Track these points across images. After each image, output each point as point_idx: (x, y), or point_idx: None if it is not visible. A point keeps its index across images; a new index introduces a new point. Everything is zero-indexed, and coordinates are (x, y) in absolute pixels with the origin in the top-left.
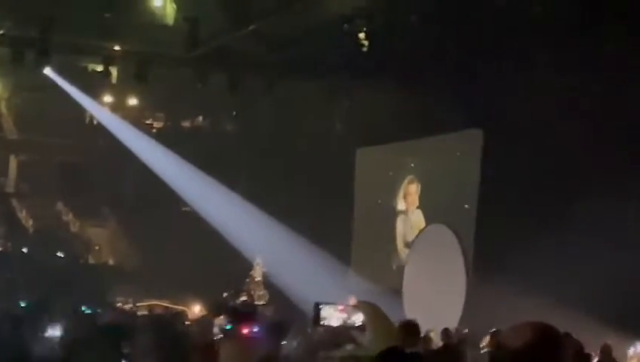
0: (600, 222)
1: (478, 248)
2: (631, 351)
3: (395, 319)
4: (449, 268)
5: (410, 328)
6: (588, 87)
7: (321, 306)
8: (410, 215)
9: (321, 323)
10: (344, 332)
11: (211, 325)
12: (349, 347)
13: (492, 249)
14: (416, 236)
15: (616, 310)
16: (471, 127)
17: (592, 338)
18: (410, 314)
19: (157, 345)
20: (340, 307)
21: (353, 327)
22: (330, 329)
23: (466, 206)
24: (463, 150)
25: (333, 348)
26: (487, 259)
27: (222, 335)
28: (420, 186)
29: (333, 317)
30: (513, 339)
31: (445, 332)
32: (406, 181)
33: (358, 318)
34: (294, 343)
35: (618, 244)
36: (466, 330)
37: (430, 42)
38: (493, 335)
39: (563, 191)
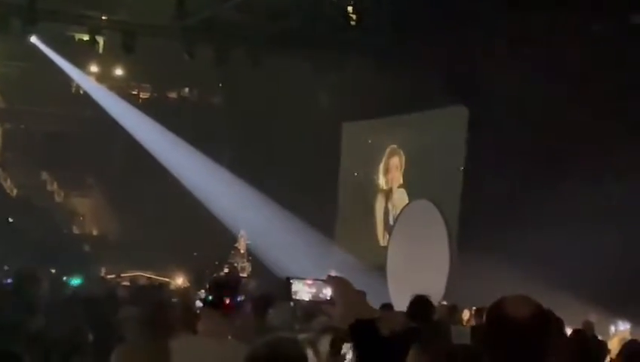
0: (584, 200)
1: (462, 225)
2: (612, 329)
3: (379, 295)
4: (433, 244)
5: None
6: (575, 65)
7: (292, 281)
8: (392, 194)
9: (293, 297)
10: (316, 307)
11: (194, 296)
12: (323, 319)
13: (477, 226)
14: (401, 211)
15: (599, 288)
16: (457, 103)
17: (574, 316)
18: (393, 291)
19: (139, 316)
20: (309, 281)
21: (324, 301)
22: (304, 303)
23: (451, 182)
24: (448, 126)
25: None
26: (472, 236)
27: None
28: (403, 161)
29: (303, 291)
30: (519, 311)
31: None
32: (386, 154)
33: (327, 292)
34: (276, 315)
35: (601, 222)
36: (445, 302)
37: (418, 17)
38: (477, 311)
39: (547, 169)
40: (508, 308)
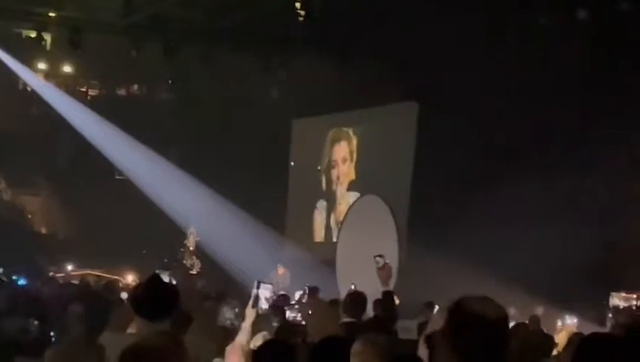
0: (532, 196)
1: (412, 220)
2: (559, 323)
3: (329, 290)
4: (382, 239)
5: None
6: (524, 61)
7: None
8: (339, 189)
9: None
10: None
11: None
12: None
13: (426, 221)
14: (350, 207)
15: (546, 283)
16: (407, 99)
17: (522, 311)
18: (342, 285)
19: (86, 314)
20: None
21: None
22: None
23: (401, 178)
24: (398, 122)
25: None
26: (421, 231)
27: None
28: (354, 152)
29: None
30: (490, 310)
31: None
32: (331, 146)
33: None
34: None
35: (548, 218)
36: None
37: (367, 13)
38: (428, 305)
39: (496, 166)
40: (476, 307)
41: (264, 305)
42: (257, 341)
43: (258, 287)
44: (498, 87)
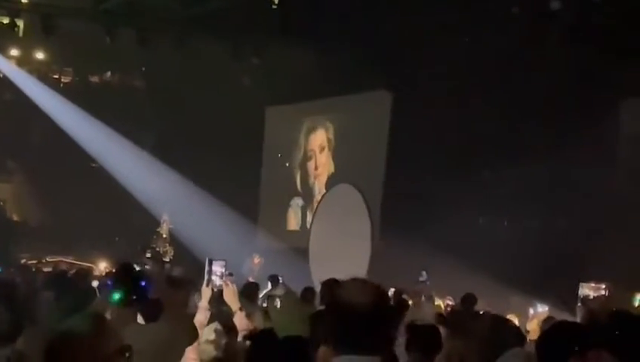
0: (504, 187)
1: (385, 209)
2: (531, 311)
3: (302, 278)
4: (355, 228)
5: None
6: (498, 52)
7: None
8: (313, 178)
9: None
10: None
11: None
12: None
13: (399, 210)
14: (324, 195)
15: (518, 272)
16: (380, 88)
17: (496, 299)
18: (315, 274)
19: (58, 302)
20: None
21: None
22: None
23: (374, 167)
24: (372, 111)
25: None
26: (394, 220)
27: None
28: (331, 140)
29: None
30: (357, 296)
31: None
32: (307, 135)
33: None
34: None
35: (520, 207)
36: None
37: (342, 1)
38: (396, 292)
39: (470, 155)
40: (345, 293)
41: (218, 281)
42: (209, 334)
43: (210, 265)
44: (472, 77)
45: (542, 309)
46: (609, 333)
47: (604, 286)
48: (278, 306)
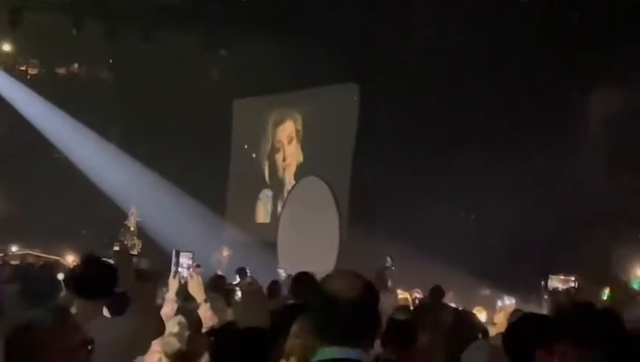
0: (473, 179)
1: (353, 200)
2: (499, 304)
3: (270, 271)
4: (323, 219)
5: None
6: (466, 44)
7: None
8: (281, 170)
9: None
10: None
11: None
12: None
13: (367, 202)
14: (292, 188)
15: (487, 264)
16: (348, 81)
17: (465, 291)
18: (283, 266)
19: (24, 295)
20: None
21: None
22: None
23: (342, 159)
24: (340, 103)
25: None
26: (362, 212)
27: None
28: (299, 136)
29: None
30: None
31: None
32: (275, 128)
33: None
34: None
35: (489, 200)
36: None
37: None
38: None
39: (437, 148)
40: (334, 286)
41: (185, 273)
42: (172, 327)
43: (177, 257)
44: (439, 69)
45: (509, 301)
46: (574, 326)
47: (573, 279)
48: (239, 298)
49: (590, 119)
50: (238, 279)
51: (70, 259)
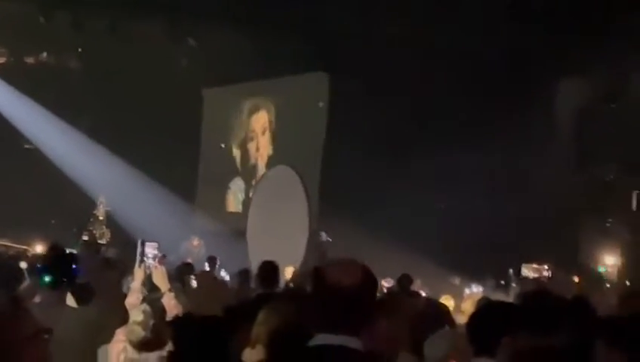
0: (444, 168)
1: (323, 190)
2: (467, 291)
3: (239, 260)
4: (293, 209)
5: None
6: (438, 33)
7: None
8: (253, 159)
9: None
10: None
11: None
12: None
13: (337, 191)
14: (261, 177)
15: (459, 253)
16: (317, 69)
17: (435, 280)
18: (253, 256)
19: None
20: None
21: None
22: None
23: (313, 149)
24: (310, 92)
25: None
26: (332, 202)
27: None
28: (272, 121)
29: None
30: (343, 278)
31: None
32: (248, 116)
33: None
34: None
35: (461, 190)
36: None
37: None
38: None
39: (408, 138)
40: (331, 274)
41: (151, 262)
42: (137, 316)
43: (142, 246)
44: (410, 58)
45: (477, 290)
46: (537, 314)
47: (546, 268)
48: (194, 286)
49: (560, 110)
50: (207, 268)
51: (39, 249)
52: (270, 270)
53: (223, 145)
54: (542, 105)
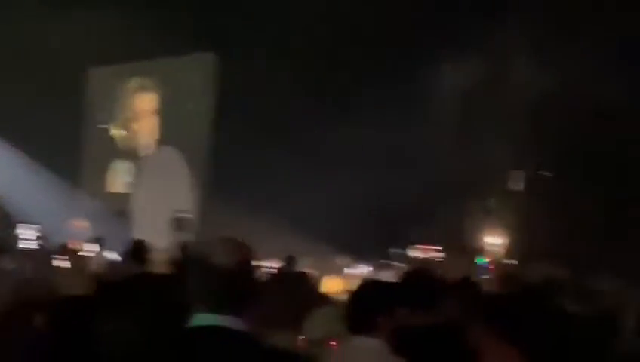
0: (332, 148)
1: (209, 170)
2: (352, 271)
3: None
4: (178, 190)
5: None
6: (323, 13)
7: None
8: (139, 140)
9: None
10: None
11: None
12: None
13: (224, 173)
14: (146, 158)
15: (347, 233)
16: (203, 49)
17: (322, 261)
18: (138, 235)
19: None
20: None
21: None
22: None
23: (199, 129)
24: (196, 73)
25: None
26: (219, 181)
27: None
28: (156, 103)
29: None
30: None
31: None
32: (133, 97)
33: None
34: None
35: (351, 170)
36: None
37: None
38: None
39: (295, 117)
40: (211, 252)
41: (27, 245)
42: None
43: (19, 229)
44: (296, 38)
45: (363, 270)
46: (418, 293)
47: (435, 249)
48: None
49: (445, 84)
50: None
51: None
52: (140, 248)
53: (104, 126)
54: (427, 87)
